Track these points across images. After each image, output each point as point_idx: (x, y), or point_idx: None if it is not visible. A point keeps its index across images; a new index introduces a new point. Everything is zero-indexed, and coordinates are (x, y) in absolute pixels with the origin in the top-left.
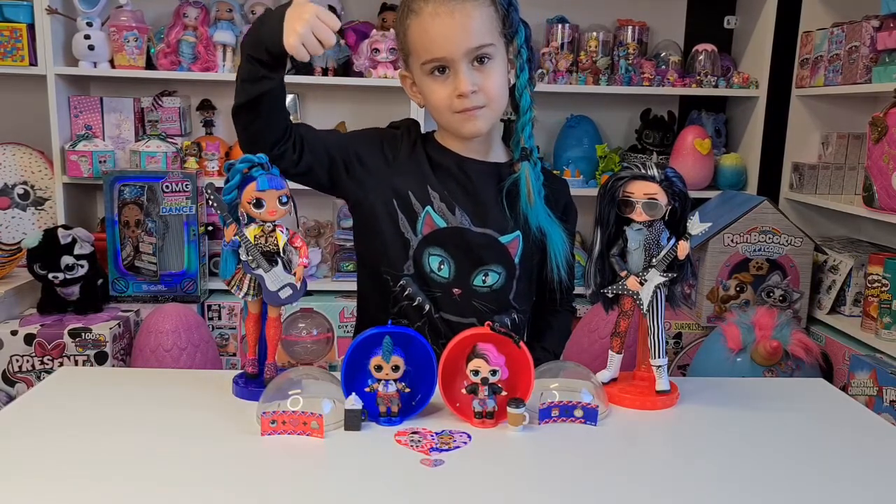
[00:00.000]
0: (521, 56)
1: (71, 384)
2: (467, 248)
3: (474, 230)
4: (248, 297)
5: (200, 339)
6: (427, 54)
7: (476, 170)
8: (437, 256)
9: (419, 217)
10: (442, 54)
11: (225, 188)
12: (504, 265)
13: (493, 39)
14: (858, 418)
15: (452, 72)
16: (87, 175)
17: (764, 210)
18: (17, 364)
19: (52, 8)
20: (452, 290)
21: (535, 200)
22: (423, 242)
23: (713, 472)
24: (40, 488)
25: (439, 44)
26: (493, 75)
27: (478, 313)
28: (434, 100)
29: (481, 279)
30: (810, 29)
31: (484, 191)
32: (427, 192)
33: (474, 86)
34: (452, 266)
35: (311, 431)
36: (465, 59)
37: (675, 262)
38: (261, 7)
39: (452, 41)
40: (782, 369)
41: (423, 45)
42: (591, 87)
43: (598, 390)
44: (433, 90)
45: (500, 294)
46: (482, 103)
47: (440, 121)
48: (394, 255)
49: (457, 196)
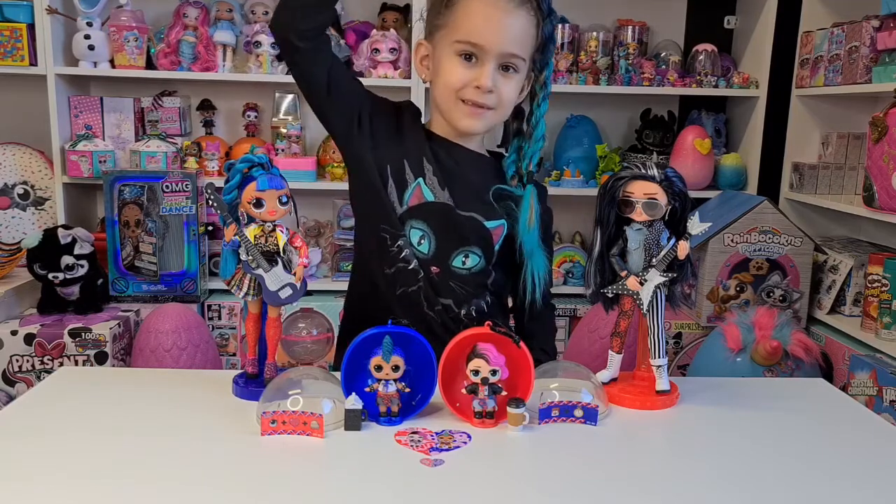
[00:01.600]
0: (546, 88)
1: (71, 384)
2: (451, 227)
3: (459, 212)
4: (248, 297)
5: (200, 339)
6: (466, 36)
7: (464, 157)
8: (419, 230)
9: (409, 187)
10: (482, 42)
11: (225, 188)
12: (484, 249)
13: (525, 55)
14: (858, 418)
15: (479, 63)
16: (87, 175)
17: (764, 210)
18: (17, 364)
19: (52, 8)
20: (431, 268)
21: (535, 225)
22: (406, 214)
23: (713, 471)
24: (40, 488)
25: (484, 33)
26: (511, 85)
27: (454, 295)
28: (449, 78)
29: (461, 260)
30: (810, 29)
31: (471, 177)
32: (422, 165)
33: (493, 86)
34: (433, 243)
35: (311, 431)
36: (497, 58)
37: (675, 262)
38: (261, 7)
39: (497, 37)
40: (782, 369)
41: (467, 26)
42: (591, 87)
43: (598, 390)
44: (453, 69)
45: (479, 277)
46: (493, 105)
47: (442, 101)
48: (394, 216)
49: (447, 178)
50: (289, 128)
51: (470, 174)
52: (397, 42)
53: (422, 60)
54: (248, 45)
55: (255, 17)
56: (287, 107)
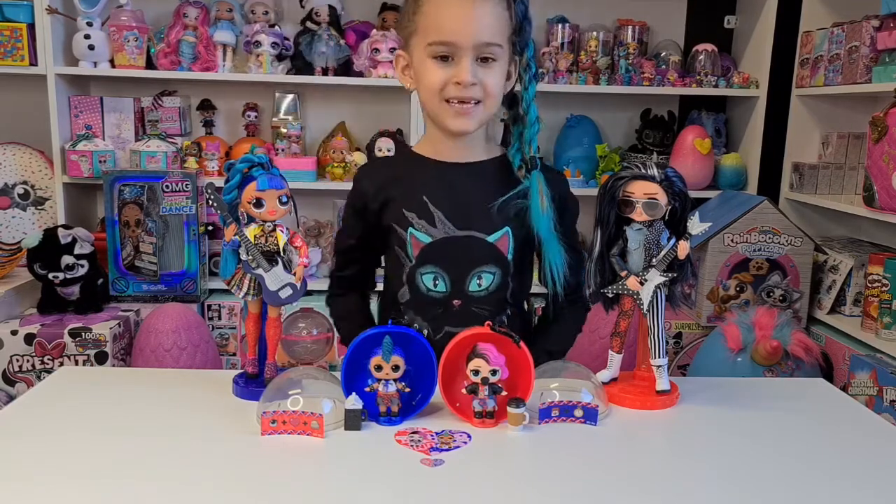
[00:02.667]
0: (530, 69)
1: (71, 384)
2: (456, 256)
3: (458, 234)
4: (248, 297)
5: (200, 339)
6: (437, 36)
7: (454, 172)
8: (430, 273)
9: (406, 243)
10: (452, 40)
11: (225, 188)
12: (497, 264)
13: (502, 41)
14: (858, 418)
15: (456, 60)
16: (88, 175)
17: (764, 210)
18: (18, 364)
19: (52, 8)
20: (452, 303)
21: (548, 210)
22: (414, 265)
23: (713, 471)
24: (40, 488)
25: (452, 29)
26: (494, 74)
27: (479, 319)
28: (429, 81)
29: (476, 283)
30: (810, 29)
31: (464, 192)
32: (403, 216)
33: (475, 78)
34: (447, 279)
35: (311, 431)
36: (472, 51)
37: (675, 262)
38: (261, 7)
39: (466, 29)
40: (782, 369)
41: (435, 27)
42: (591, 86)
43: (598, 390)
44: (431, 72)
45: (497, 294)
46: (479, 97)
47: (429, 107)
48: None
49: (437, 202)
50: (289, 128)
51: (463, 189)
52: (397, 42)
53: (403, 71)
54: (248, 44)
55: (255, 16)
56: (287, 107)
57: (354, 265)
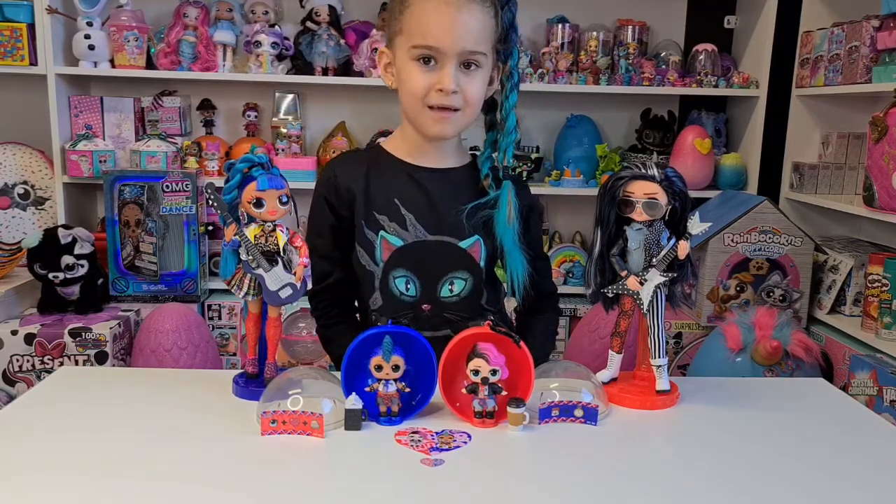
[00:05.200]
0: (513, 78)
1: (71, 384)
2: (427, 260)
3: (430, 239)
4: (248, 297)
5: (200, 339)
6: (421, 39)
7: (427, 177)
8: (402, 277)
9: (375, 246)
10: (437, 44)
11: (225, 188)
12: (469, 270)
13: (486, 49)
14: (858, 418)
15: (439, 65)
16: (88, 175)
17: (764, 210)
18: (18, 364)
19: (52, 7)
20: (422, 307)
21: (514, 221)
22: (385, 268)
23: (713, 471)
24: (40, 488)
25: (438, 34)
26: (475, 82)
27: (450, 324)
28: (411, 86)
29: (448, 289)
30: (810, 29)
31: (436, 198)
32: (376, 219)
33: (457, 86)
34: (417, 283)
35: (311, 431)
36: (456, 57)
37: (676, 262)
38: (261, 6)
39: (452, 35)
40: (782, 369)
41: (420, 29)
42: (591, 86)
43: (599, 390)
44: (414, 76)
45: (471, 300)
46: (459, 105)
47: (410, 110)
48: (367, 293)
49: (409, 205)
50: (289, 127)
51: (435, 194)
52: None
53: (385, 68)
54: (248, 44)
55: (255, 16)
56: (287, 107)
57: (336, 268)
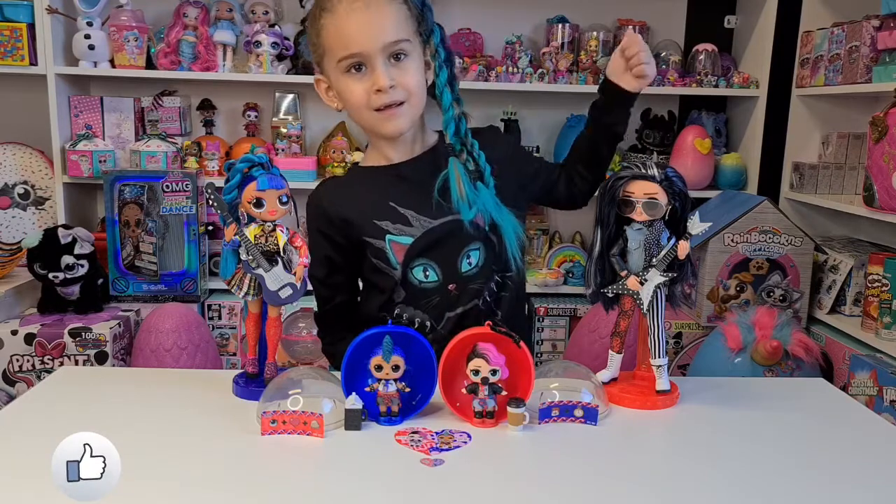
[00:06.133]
0: (439, 56)
1: (71, 384)
2: (440, 244)
3: (437, 224)
4: (248, 297)
5: (201, 339)
6: (343, 50)
7: (408, 170)
8: (420, 266)
9: (387, 252)
10: (358, 49)
11: (225, 188)
12: (479, 239)
13: (408, 36)
14: (858, 418)
15: (369, 68)
16: (88, 175)
17: (764, 210)
18: (18, 364)
19: (52, 7)
20: (448, 288)
21: (467, 193)
22: (402, 266)
23: (713, 471)
24: (40, 488)
25: (356, 39)
26: (409, 71)
27: (477, 294)
28: (352, 98)
29: (466, 263)
30: (810, 29)
31: (425, 184)
32: (378, 227)
33: (392, 81)
34: (437, 268)
35: (311, 431)
36: (381, 54)
37: (676, 262)
38: (261, 6)
39: (369, 35)
40: (782, 369)
41: (340, 42)
42: (591, 86)
43: (599, 390)
44: (350, 88)
45: (485, 267)
46: (402, 98)
47: (360, 121)
48: (388, 290)
49: (405, 202)
50: (289, 128)
51: (424, 183)
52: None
53: (326, 93)
54: (248, 44)
55: (255, 16)
56: (287, 107)
57: (337, 293)
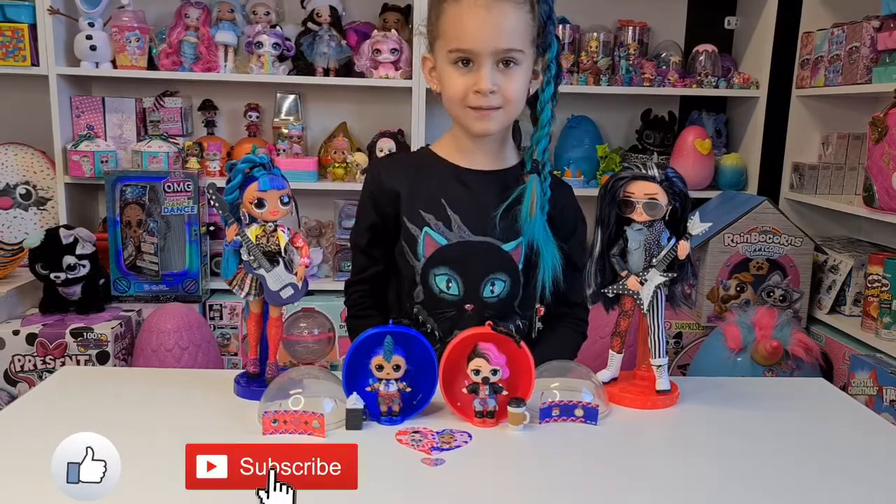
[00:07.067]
0: (551, 71)
1: (72, 384)
2: (468, 260)
3: (474, 240)
4: (249, 297)
5: (202, 339)
6: (456, 42)
7: (475, 180)
8: (444, 275)
9: (418, 241)
10: (470, 46)
11: (227, 188)
12: (508, 272)
13: (523, 46)
14: (858, 418)
15: (476, 66)
16: (89, 175)
17: (764, 210)
18: (19, 364)
19: (53, 8)
20: (465, 307)
21: (537, 214)
22: (427, 265)
23: (713, 471)
24: (41, 488)
25: (471, 35)
26: (515, 79)
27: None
28: (451, 89)
29: (489, 290)
30: (810, 29)
31: (483, 199)
32: (421, 216)
33: (494, 86)
34: (460, 282)
35: (312, 431)
36: (491, 57)
37: (676, 262)
38: (262, 7)
39: (484, 37)
40: (782, 369)
41: (455, 33)
42: (591, 87)
43: (599, 390)
44: (453, 79)
45: (507, 301)
46: (498, 104)
47: (452, 111)
48: (410, 287)
49: (456, 206)
50: (290, 128)
51: (482, 196)
52: (398, 43)
53: (430, 72)
54: (249, 45)
55: (256, 17)
56: (288, 107)
57: (374, 264)
